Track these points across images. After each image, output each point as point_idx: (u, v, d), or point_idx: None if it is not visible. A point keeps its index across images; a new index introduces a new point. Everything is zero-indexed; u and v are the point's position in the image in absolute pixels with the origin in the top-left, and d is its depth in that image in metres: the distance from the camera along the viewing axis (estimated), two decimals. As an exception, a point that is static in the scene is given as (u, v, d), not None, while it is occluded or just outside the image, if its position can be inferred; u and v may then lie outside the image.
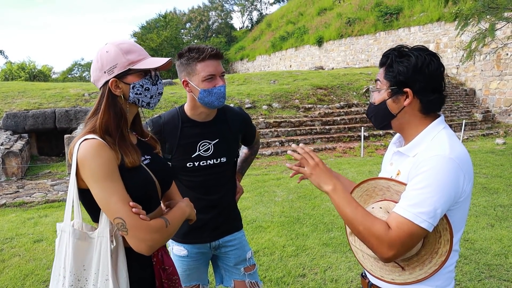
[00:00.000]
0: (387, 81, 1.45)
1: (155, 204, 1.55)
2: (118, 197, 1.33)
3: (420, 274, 1.38)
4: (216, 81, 1.95)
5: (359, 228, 1.32)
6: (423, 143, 1.41)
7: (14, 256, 4.42)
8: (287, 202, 6.16)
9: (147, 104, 1.52)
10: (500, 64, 15.62)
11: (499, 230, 4.68)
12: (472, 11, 8.29)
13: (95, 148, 1.34)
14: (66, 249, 1.36)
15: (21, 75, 36.56)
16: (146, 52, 1.52)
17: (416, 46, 1.45)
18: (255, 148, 2.53)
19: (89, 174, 1.33)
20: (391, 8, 21.27)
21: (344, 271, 3.74)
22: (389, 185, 1.46)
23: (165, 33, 38.54)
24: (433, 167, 1.28)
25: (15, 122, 11.04)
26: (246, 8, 53.54)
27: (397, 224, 1.28)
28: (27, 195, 7.58)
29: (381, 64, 1.49)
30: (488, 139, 13.32)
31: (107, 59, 1.43)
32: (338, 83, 15.90)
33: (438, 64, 1.40)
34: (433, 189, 1.26)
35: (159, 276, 1.54)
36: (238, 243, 2.24)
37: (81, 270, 1.36)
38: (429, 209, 1.26)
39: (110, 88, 1.44)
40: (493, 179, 7.28)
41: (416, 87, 1.40)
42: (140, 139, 1.62)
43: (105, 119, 1.43)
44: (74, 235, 1.36)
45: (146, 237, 1.34)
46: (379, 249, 1.30)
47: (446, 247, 1.35)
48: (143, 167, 1.51)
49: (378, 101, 1.49)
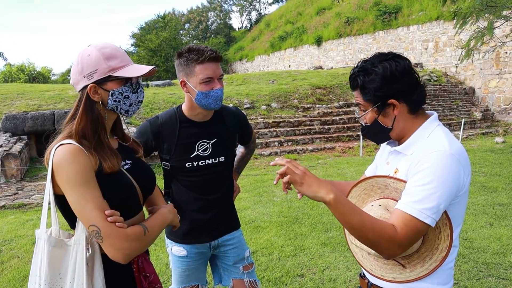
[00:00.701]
0: (369, 102, 1.46)
1: (136, 210, 1.51)
2: (93, 204, 1.29)
3: (421, 271, 1.38)
4: (214, 83, 1.95)
5: (369, 235, 1.29)
6: (419, 141, 1.42)
7: (13, 257, 4.42)
8: (285, 202, 6.15)
9: (125, 112, 1.49)
10: (499, 63, 15.61)
11: (498, 229, 4.68)
12: (471, 9, 8.29)
13: (71, 154, 1.31)
14: (42, 257, 1.33)
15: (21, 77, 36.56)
16: (129, 58, 1.48)
17: (374, 55, 1.46)
18: (252, 148, 2.53)
19: (64, 180, 1.30)
20: (390, 7, 21.25)
21: (343, 270, 3.74)
22: (387, 182, 1.46)
23: (164, 34, 38.54)
24: (434, 163, 1.29)
25: (14, 124, 11.03)
26: (245, 8, 53.55)
27: (404, 222, 1.28)
28: (26, 197, 7.57)
29: (353, 87, 1.50)
30: (488, 137, 13.31)
31: (87, 63, 1.39)
32: (337, 83, 15.90)
33: (403, 62, 1.41)
34: (436, 185, 1.27)
35: (140, 284, 1.50)
36: (237, 242, 2.25)
37: (56, 279, 1.32)
38: (433, 205, 1.27)
39: (88, 93, 1.41)
40: (492, 177, 7.28)
41: (398, 95, 1.41)
42: (121, 144, 1.59)
43: (82, 125, 1.39)
44: (49, 243, 1.32)
45: (123, 246, 1.30)
46: (389, 251, 1.30)
47: (446, 243, 1.35)
48: (123, 172, 1.47)
49: (369, 121, 1.50)
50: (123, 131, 1.62)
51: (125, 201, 1.43)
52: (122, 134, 1.61)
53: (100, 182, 1.35)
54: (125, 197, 1.44)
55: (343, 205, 1.30)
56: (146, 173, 1.60)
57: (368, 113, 1.48)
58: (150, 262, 1.59)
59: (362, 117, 1.51)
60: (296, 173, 1.33)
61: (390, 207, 1.40)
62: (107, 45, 1.43)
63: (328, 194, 1.30)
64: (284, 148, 11.50)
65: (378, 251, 1.33)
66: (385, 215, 1.37)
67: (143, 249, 1.41)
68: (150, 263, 1.58)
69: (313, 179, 1.34)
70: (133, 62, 1.48)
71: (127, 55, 1.47)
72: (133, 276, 1.49)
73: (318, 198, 1.32)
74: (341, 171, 8.51)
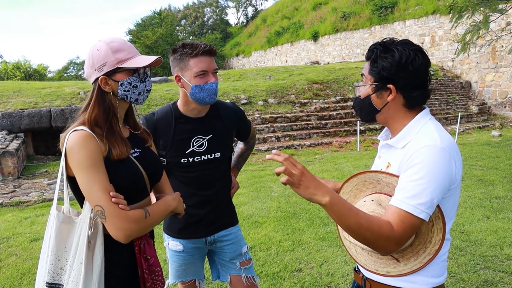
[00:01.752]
0: (371, 76, 1.46)
1: (142, 195, 1.60)
2: (99, 186, 1.39)
3: (415, 265, 1.38)
4: (208, 77, 1.95)
5: (366, 235, 1.27)
6: (410, 135, 1.42)
7: (11, 255, 4.42)
8: (283, 197, 6.17)
9: (135, 100, 1.59)
10: (495, 57, 15.65)
11: (494, 222, 4.71)
12: (466, 3, 8.29)
13: (83, 139, 1.42)
14: (51, 230, 1.45)
15: (17, 74, 36.39)
16: (136, 50, 1.57)
17: (403, 40, 1.45)
18: (251, 143, 2.53)
19: (75, 163, 1.41)
20: (386, 1, 21.25)
21: (340, 265, 3.76)
22: (379, 177, 1.46)
23: (160, 30, 38.39)
24: (426, 158, 1.29)
25: (10, 122, 10.99)
26: (241, 3, 53.34)
27: (400, 218, 1.28)
28: (24, 195, 7.56)
29: (367, 58, 1.50)
30: (484, 131, 13.36)
31: (97, 57, 1.49)
32: (334, 78, 15.90)
33: (422, 59, 1.40)
34: (429, 180, 1.27)
35: (141, 265, 1.59)
36: (233, 237, 2.25)
37: (62, 251, 1.45)
38: (426, 200, 1.27)
39: (99, 85, 1.52)
40: (489, 171, 7.31)
41: (400, 84, 1.41)
42: (132, 133, 1.68)
43: (94, 113, 1.50)
44: (58, 218, 1.45)
45: (123, 226, 1.39)
46: (387, 248, 1.30)
47: (439, 236, 1.36)
48: (131, 160, 1.57)
49: (363, 95, 1.50)
50: (134, 120, 1.71)
51: (131, 186, 1.53)
52: (134, 123, 1.70)
53: (108, 167, 1.45)
54: (131, 183, 1.53)
55: (338, 207, 1.26)
56: (153, 161, 1.69)
57: (366, 87, 1.49)
58: (152, 246, 1.66)
59: (359, 89, 1.52)
60: (294, 174, 1.25)
61: (382, 201, 1.40)
62: (115, 39, 1.53)
63: (324, 196, 1.25)
64: (281, 144, 11.51)
65: (375, 249, 1.33)
66: (378, 210, 1.37)
67: (143, 231, 1.49)
68: (152, 247, 1.65)
69: (310, 181, 1.27)
70: (139, 54, 1.57)
71: (134, 48, 1.57)
72: (135, 257, 1.58)
73: (314, 200, 1.27)
74: (338, 166, 8.52)
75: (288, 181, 1.26)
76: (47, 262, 1.44)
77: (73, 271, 1.42)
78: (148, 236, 1.65)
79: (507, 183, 6.38)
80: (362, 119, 1.58)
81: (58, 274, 1.44)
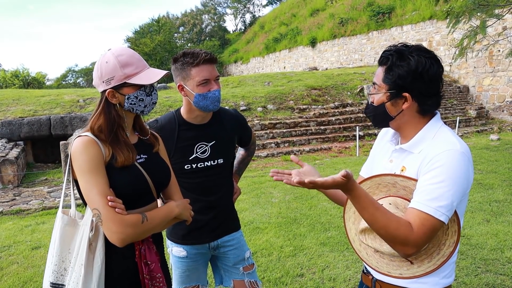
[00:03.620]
0: (386, 84, 1.45)
1: (147, 201, 1.63)
2: (97, 190, 1.44)
3: (429, 267, 1.39)
4: (211, 85, 1.98)
5: (381, 232, 1.31)
6: (425, 140, 1.43)
7: (12, 263, 4.41)
8: (284, 203, 6.18)
9: (141, 112, 1.63)
10: (492, 61, 15.73)
11: (494, 225, 4.73)
12: (463, 8, 8.34)
13: (84, 144, 1.48)
14: (56, 233, 1.51)
15: (15, 82, 36.35)
16: (145, 62, 1.61)
17: (417, 45, 1.45)
18: (252, 149, 2.55)
19: (76, 167, 1.47)
20: (383, 7, 21.36)
21: (342, 269, 3.77)
22: (395, 181, 1.46)
23: (158, 37, 38.51)
24: (447, 162, 1.32)
25: (10, 130, 11.01)
26: (239, 10, 53.57)
27: (421, 221, 1.29)
28: (24, 203, 7.56)
29: (381, 63, 1.49)
30: (483, 135, 13.40)
31: (106, 70, 1.53)
32: (332, 84, 15.95)
33: (437, 68, 1.41)
34: (450, 183, 1.30)
35: (142, 270, 1.61)
36: (236, 243, 2.27)
37: (66, 253, 1.50)
38: (447, 203, 1.29)
39: (107, 97, 1.56)
40: (488, 174, 7.34)
41: (415, 92, 1.42)
42: (140, 138, 1.72)
43: (99, 123, 1.55)
44: (63, 221, 1.51)
45: (117, 230, 1.42)
46: (404, 248, 1.31)
47: (454, 238, 1.37)
48: (136, 166, 1.60)
49: (377, 103, 1.50)
50: (142, 125, 1.74)
51: (134, 192, 1.56)
52: (141, 128, 1.73)
53: (111, 174, 1.50)
54: (134, 188, 1.56)
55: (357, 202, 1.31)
56: (159, 167, 1.71)
57: (380, 95, 1.48)
58: (154, 251, 1.66)
59: (372, 96, 1.52)
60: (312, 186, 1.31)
61: (399, 205, 1.41)
62: (124, 52, 1.56)
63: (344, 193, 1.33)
64: (280, 150, 11.53)
65: (393, 247, 1.34)
66: (397, 213, 1.37)
67: (140, 236, 1.52)
68: (153, 252, 1.65)
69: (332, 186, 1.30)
70: (148, 66, 1.61)
71: (143, 61, 1.60)
72: (135, 262, 1.60)
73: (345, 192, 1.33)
74: (338, 171, 8.45)
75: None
76: (52, 262, 1.49)
77: (74, 272, 1.46)
78: (151, 242, 1.66)
79: (507, 187, 6.41)
80: (375, 125, 1.59)
81: (62, 274, 1.49)
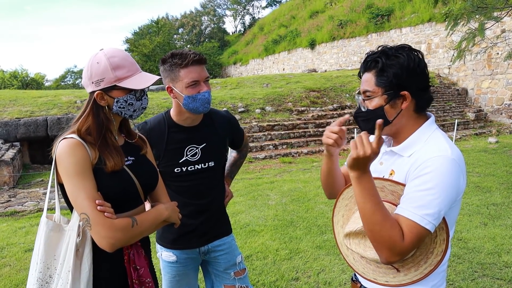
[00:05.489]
0: (381, 87, 1.39)
1: (135, 204, 1.59)
2: (85, 194, 1.39)
3: (416, 275, 1.36)
4: (200, 87, 1.93)
5: (375, 227, 1.26)
6: (418, 143, 1.39)
7: (5, 266, 4.36)
8: (280, 206, 6.13)
9: (129, 116, 1.59)
10: (491, 64, 15.72)
11: (492, 229, 4.69)
12: (462, 11, 8.33)
13: (71, 147, 1.42)
14: (40, 239, 1.46)
15: (14, 83, 36.29)
16: (137, 66, 1.56)
17: (399, 45, 1.42)
18: (244, 152, 2.51)
19: (63, 171, 1.42)
20: (382, 9, 21.37)
21: (338, 273, 3.72)
22: (383, 185, 1.42)
23: (157, 38, 38.51)
24: (437, 168, 1.27)
25: (6, 131, 10.95)
26: (239, 12, 53.61)
27: (408, 229, 1.25)
28: (19, 204, 7.50)
29: (369, 68, 1.43)
30: (481, 138, 13.38)
31: (96, 71, 1.48)
32: (331, 85, 15.93)
33: (424, 60, 1.40)
34: (438, 191, 1.25)
35: (131, 275, 1.57)
36: (227, 247, 2.22)
37: (51, 259, 1.45)
38: (434, 211, 1.25)
39: (95, 98, 1.51)
40: (486, 177, 7.31)
41: (413, 89, 1.38)
42: (127, 141, 1.67)
43: (87, 125, 1.51)
44: (47, 226, 1.46)
45: (107, 234, 1.38)
46: (388, 253, 1.27)
47: (442, 247, 1.33)
48: (124, 169, 1.55)
49: (374, 107, 1.42)
50: (129, 129, 1.70)
51: (122, 195, 1.52)
52: (128, 131, 1.69)
53: (100, 176, 1.45)
54: (122, 191, 1.52)
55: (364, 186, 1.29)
56: (147, 169, 1.68)
57: (376, 99, 1.41)
58: (143, 256, 1.62)
59: (366, 102, 1.44)
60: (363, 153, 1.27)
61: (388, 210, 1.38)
62: (116, 54, 1.50)
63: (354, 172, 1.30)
64: (278, 152, 11.49)
65: (377, 250, 1.30)
66: None
67: (130, 240, 1.48)
68: (142, 257, 1.62)
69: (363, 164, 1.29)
70: (141, 70, 1.56)
71: (135, 64, 1.55)
72: (124, 267, 1.56)
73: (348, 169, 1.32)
74: (335, 174, 8.48)
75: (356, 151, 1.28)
76: (36, 270, 1.44)
77: (61, 279, 1.41)
78: (140, 246, 1.62)
79: (504, 190, 6.37)
80: (366, 129, 1.45)
81: (47, 282, 1.44)
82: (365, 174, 1.30)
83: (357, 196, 1.31)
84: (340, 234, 1.53)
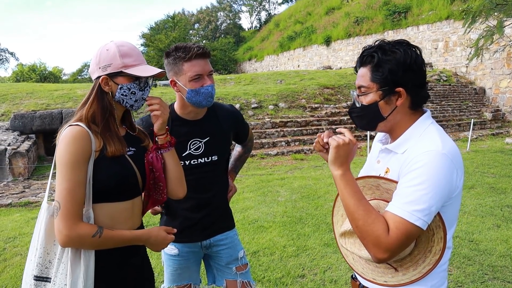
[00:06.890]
0: (376, 83, 1.37)
1: (133, 193, 1.60)
2: (68, 185, 1.40)
3: (414, 275, 1.33)
4: (204, 80, 1.92)
5: (359, 223, 1.27)
6: (411, 139, 1.36)
7: (16, 255, 4.44)
8: (290, 202, 6.11)
9: (130, 106, 1.60)
10: (510, 62, 15.38)
11: (505, 231, 4.59)
12: (480, 8, 8.15)
13: (74, 136, 1.43)
14: (41, 224, 1.48)
15: (32, 76, 36.91)
16: (143, 59, 1.61)
17: (397, 40, 1.39)
18: (249, 146, 2.49)
19: (57, 157, 1.44)
20: (400, 6, 21.09)
21: (344, 271, 3.69)
22: (378, 183, 1.41)
23: (173, 34, 38.64)
24: (427, 163, 1.24)
25: (22, 123, 11.14)
26: (255, 8, 53.56)
27: (395, 225, 1.23)
28: (33, 195, 7.63)
29: (364, 62, 1.41)
30: (498, 138, 13.13)
31: (105, 56, 1.52)
32: (345, 83, 15.81)
33: (421, 57, 1.37)
34: (428, 186, 1.22)
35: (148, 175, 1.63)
36: (229, 242, 2.21)
37: (51, 245, 1.46)
38: (424, 207, 1.21)
39: (100, 84, 1.54)
40: (501, 179, 7.16)
41: (409, 86, 1.35)
42: (128, 132, 1.68)
43: (92, 110, 1.52)
44: (48, 211, 1.47)
45: (65, 232, 1.38)
46: (375, 249, 1.25)
47: (440, 245, 1.30)
48: (125, 158, 1.57)
49: (368, 102, 1.40)
50: (131, 121, 1.72)
51: (121, 182, 1.53)
52: (130, 124, 1.71)
53: (102, 164, 1.47)
54: (122, 179, 1.53)
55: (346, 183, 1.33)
56: None
57: (370, 95, 1.39)
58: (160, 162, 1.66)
59: (361, 98, 1.43)
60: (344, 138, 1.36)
61: (381, 208, 1.35)
62: (125, 44, 1.56)
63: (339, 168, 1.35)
64: (291, 148, 11.45)
65: (366, 247, 1.29)
66: None
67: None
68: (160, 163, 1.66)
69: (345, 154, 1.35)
70: (146, 63, 1.60)
71: (142, 56, 1.60)
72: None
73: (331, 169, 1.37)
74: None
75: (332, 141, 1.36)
76: (35, 255, 1.45)
77: (62, 263, 1.43)
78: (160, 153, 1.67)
79: (520, 192, 6.24)
80: (360, 126, 1.49)
81: (47, 267, 1.45)
82: (347, 172, 1.34)
83: (341, 193, 1.33)
84: (338, 234, 1.51)
